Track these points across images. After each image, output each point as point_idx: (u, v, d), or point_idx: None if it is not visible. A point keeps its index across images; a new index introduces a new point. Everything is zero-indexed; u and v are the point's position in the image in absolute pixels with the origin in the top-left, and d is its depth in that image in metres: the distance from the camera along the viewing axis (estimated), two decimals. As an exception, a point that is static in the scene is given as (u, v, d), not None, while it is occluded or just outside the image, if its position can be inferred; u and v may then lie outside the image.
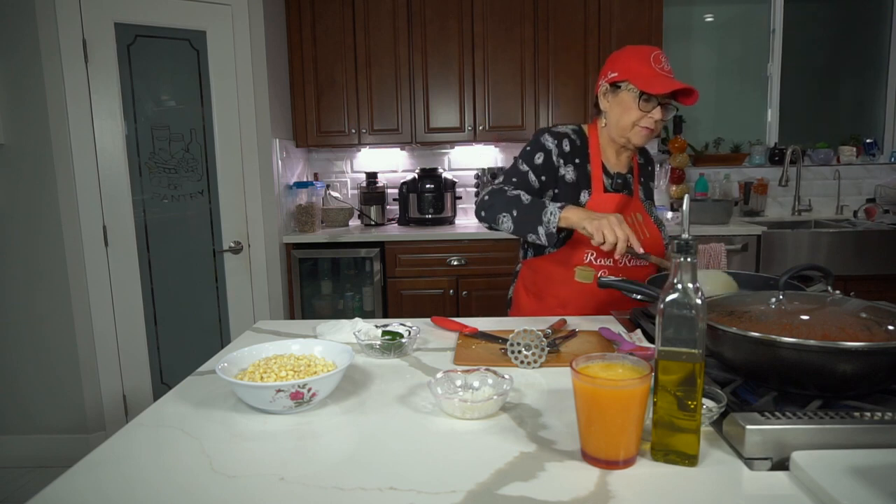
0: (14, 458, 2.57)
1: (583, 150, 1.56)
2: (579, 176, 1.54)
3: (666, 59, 1.46)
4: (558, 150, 1.53)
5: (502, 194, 1.46)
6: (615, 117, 1.50)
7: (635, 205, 1.59)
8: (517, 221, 1.42)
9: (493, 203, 1.46)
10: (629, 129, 1.48)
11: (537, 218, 1.38)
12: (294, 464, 0.77)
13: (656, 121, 1.45)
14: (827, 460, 0.67)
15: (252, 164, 2.86)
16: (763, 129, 3.69)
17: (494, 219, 1.46)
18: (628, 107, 1.46)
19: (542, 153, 1.53)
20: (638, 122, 1.46)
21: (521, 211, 1.41)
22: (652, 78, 1.41)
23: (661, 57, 1.45)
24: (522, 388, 1.00)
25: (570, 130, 1.57)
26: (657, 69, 1.43)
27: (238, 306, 2.90)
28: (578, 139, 1.57)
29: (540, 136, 1.56)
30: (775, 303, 0.99)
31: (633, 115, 1.45)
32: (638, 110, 1.44)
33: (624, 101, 1.47)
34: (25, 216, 2.45)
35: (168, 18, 2.59)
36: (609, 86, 1.50)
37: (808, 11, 3.61)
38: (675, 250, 0.73)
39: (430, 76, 3.25)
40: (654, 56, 1.44)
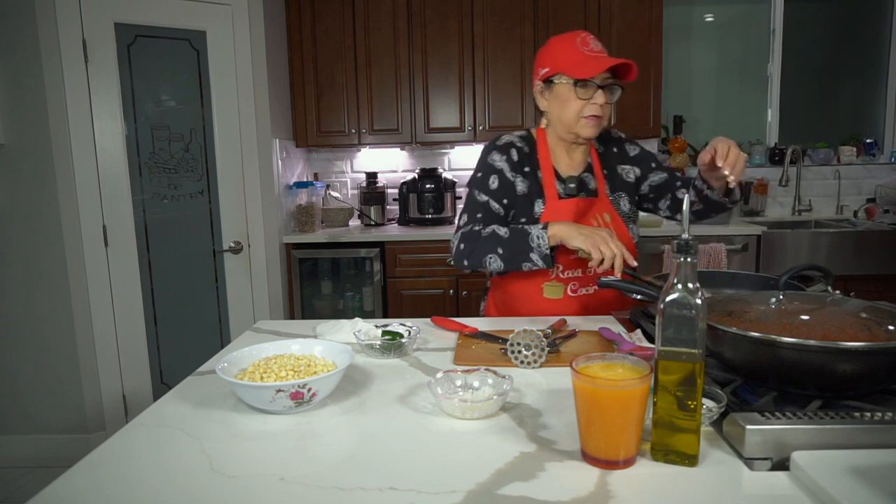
0: (14, 458, 2.57)
1: (531, 157, 1.49)
2: (531, 185, 1.47)
3: (594, 40, 1.39)
4: (509, 164, 1.47)
5: (478, 237, 1.40)
6: (557, 113, 1.44)
7: (600, 205, 1.48)
8: (506, 258, 1.35)
9: (472, 249, 1.40)
10: (575, 122, 1.40)
11: (526, 246, 1.33)
12: (294, 464, 0.76)
13: (601, 106, 1.37)
14: (827, 460, 0.67)
15: (252, 164, 2.86)
16: (763, 129, 3.69)
17: (480, 263, 1.40)
18: (567, 99, 1.39)
19: (494, 176, 1.46)
20: (581, 113, 1.38)
21: (505, 246, 1.35)
22: (582, 62, 1.35)
23: (588, 39, 1.38)
24: (522, 388, 1.00)
25: (516, 138, 1.51)
26: (586, 52, 1.36)
27: (238, 306, 2.90)
28: (526, 145, 1.50)
29: (487, 156, 1.48)
30: (775, 303, 0.99)
31: (575, 107, 1.38)
32: (577, 100, 1.37)
33: (561, 95, 1.40)
34: (25, 216, 2.45)
35: (168, 18, 2.60)
36: (543, 83, 1.45)
37: (808, 11, 3.62)
38: (676, 250, 0.73)
39: (430, 76, 3.25)
40: (581, 39, 1.37)
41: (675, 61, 3.64)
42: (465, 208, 1.48)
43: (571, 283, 1.46)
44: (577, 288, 1.47)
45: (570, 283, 1.46)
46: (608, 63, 1.33)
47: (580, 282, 1.47)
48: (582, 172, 1.51)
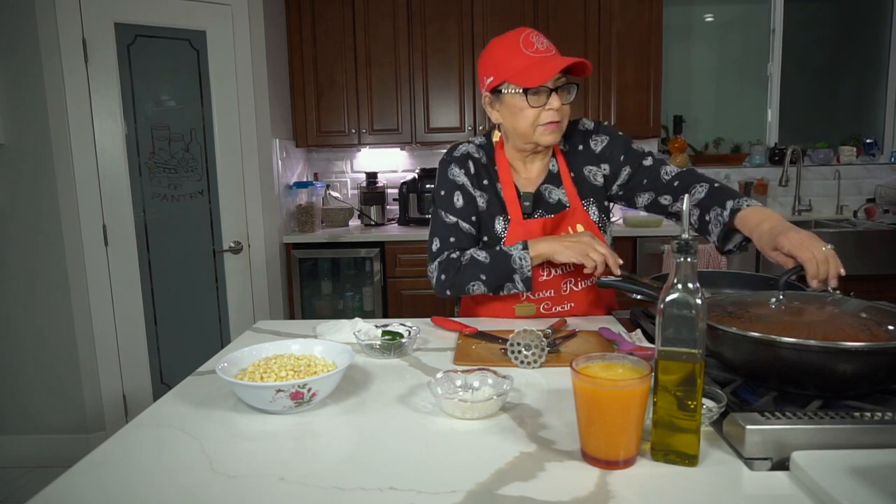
0: (14, 458, 2.57)
1: (489, 168, 1.39)
2: (489, 200, 1.38)
3: (539, 37, 1.25)
4: (468, 176, 1.38)
5: (458, 265, 1.34)
6: (510, 125, 1.31)
7: (571, 217, 1.38)
8: (489, 283, 1.31)
9: (453, 279, 1.34)
10: (531, 132, 1.29)
11: (508, 269, 1.29)
12: (294, 464, 0.77)
13: (557, 110, 1.26)
14: (827, 460, 0.67)
15: (252, 164, 2.86)
16: (763, 129, 3.69)
17: (463, 290, 1.35)
18: (519, 108, 1.27)
19: (458, 192, 1.37)
20: (538, 122, 1.27)
21: (488, 272, 1.30)
22: (529, 68, 1.22)
23: (531, 37, 1.24)
24: (522, 388, 1.00)
25: (473, 147, 1.40)
26: (531, 54, 1.23)
27: (238, 306, 2.90)
28: (484, 154, 1.40)
29: (446, 170, 1.39)
30: (775, 303, 0.99)
31: (529, 116, 1.26)
32: (531, 108, 1.25)
33: (512, 105, 1.28)
34: (25, 216, 2.45)
35: (168, 18, 2.59)
36: (490, 94, 1.32)
37: (808, 11, 3.62)
38: (676, 250, 0.73)
39: (430, 76, 3.25)
40: (524, 39, 1.24)
41: (675, 61, 3.64)
42: (435, 232, 1.39)
43: (544, 302, 1.42)
44: (551, 306, 1.42)
45: (542, 303, 1.42)
46: (557, 66, 1.21)
47: (553, 301, 1.42)
48: (541, 185, 1.40)
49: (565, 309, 1.44)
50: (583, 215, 1.38)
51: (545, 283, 1.40)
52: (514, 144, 1.37)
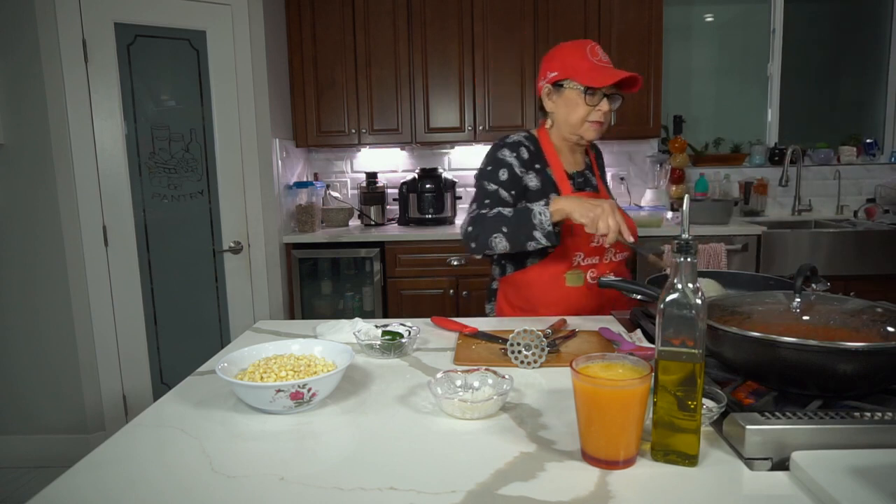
0: (14, 458, 2.57)
1: (539, 155, 1.54)
2: (543, 181, 1.51)
3: (602, 51, 1.46)
4: (518, 160, 1.50)
5: (483, 219, 1.41)
6: (563, 116, 1.49)
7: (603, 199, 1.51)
8: (510, 236, 1.37)
9: (478, 232, 1.41)
10: (580, 125, 1.47)
11: (529, 224, 1.34)
12: (294, 464, 0.77)
13: (604, 113, 1.45)
14: (827, 460, 0.67)
15: (252, 164, 2.86)
16: (763, 129, 3.69)
17: (487, 244, 1.40)
18: (575, 104, 1.45)
19: (504, 169, 1.49)
20: (587, 118, 1.46)
21: (510, 224, 1.36)
22: (593, 71, 1.41)
23: (597, 49, 1.45)
24: (522, 388, 1.00)
25: (522, 138, 1.54)
26: (595, 62, 1.42)
27: (238, 306, 2.90)
28: (532, 145, 1.54)
29: (496, 151, 1.52)
30: (776, 303, 0.99)
31: (581, 112, 1.45)
32: (585, 105, 1.44)
33: (569, 99, 1.46)
34: (25, 216, 2.45)
35: (168, 18, 2.59)
36: (551, 86, 1.49)
37: (808, 11, 3.61)
38: (675, 250, 0.73)
39: (430, 76, 3.25)
40: (591, 49, 1.43)
41: (675, 61, 3.64)
42: (475, 198, 1.51)
43: (590, 270, 1.52)
44: (596, 274, 1.52)
45: (588, 271, 1.52)
46: (618, 76, 1.40)
47: (598, 269, 1.52)
48: (584, 170, 1.61)
49: None
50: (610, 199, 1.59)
51: (596, 250, 1.51)
52: (561, 134, 1.54)
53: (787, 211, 3.58)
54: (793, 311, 0.97)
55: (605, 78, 1.40)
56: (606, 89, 1.43)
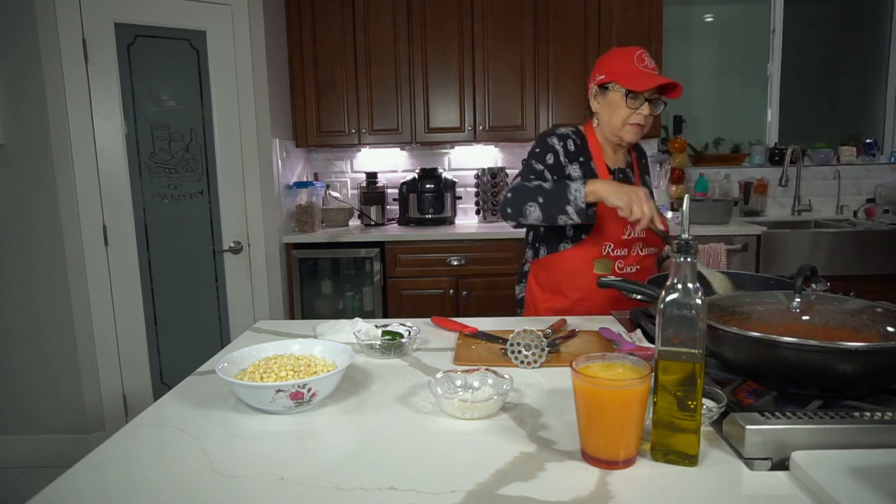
0: (14, 458, 2.57)
1: (584, 149, 1.62)
2: (585, 172, 1.59)
3: (649, 58, 1.52)
4: (564, 150, 1.58)
5: (523, 188, 1.49)
6: (606, 117, 1.56)
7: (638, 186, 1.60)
8: (544, 207, 1.44)
9: (516, 198, 1.49)
10: (620, 127, 1.53)
11: (563, 198, 1.41)
12: (294, 464, 0.77)
13: (645, 116, 1.51)
14: (827, 460, 0.67)
15: (252, 164, 2.86)
16: (763, 129, 3.69)
17: (521, 211, 1.47)
18: (617, 106, 1.52)
19: (551, 153, 1.58)
20: (627, 120, 1.52)
21: (545, 196, 1.44)
22: (636, 76, 1.47)
23: (644, 56, 1.50)
24: (522, 388, 1.00)
25: (570, 131, 1.62)
26: (640, 67, 1.48)
27: (238, 306, 2.90)
28: (578, 139, 1.62)
29: (546, 137, 1.60)
30: (776, 303, 0.99)
31: (623, 114, 1.51)
32: (626, 108, 1.50)
33: (612, 101, 1.53)
34: (25, 216, 2.45)
35: (168, 18, 2.59)
36: (598, 88, 1.57)
37: (808, 11, 3.61)
38: (675, 250, 0.73)
39: (430, 76, 3.25)
40: (638, 56, 1.50)
41: (674, 61, 3.64)
42: (519, 173, 1.59)
43: (618, 260, 1.57)
44: (623, 266, 1.58)
45: (616, 261, 1.57)
46: (658, 81, 1.46)
47: (625, 261, 1.58)
48: (625, 168, 1.67)
49: (631, 272, 1.58)
50: None
51: (626, 242, 1.57)
52: (603, 133, 1.61)
53: (787, 211, 3.58)
54: (793, 311, 0.97)
55: (647, 82, 1.46)
56: (648, 94, 1.49)
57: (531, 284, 1.69)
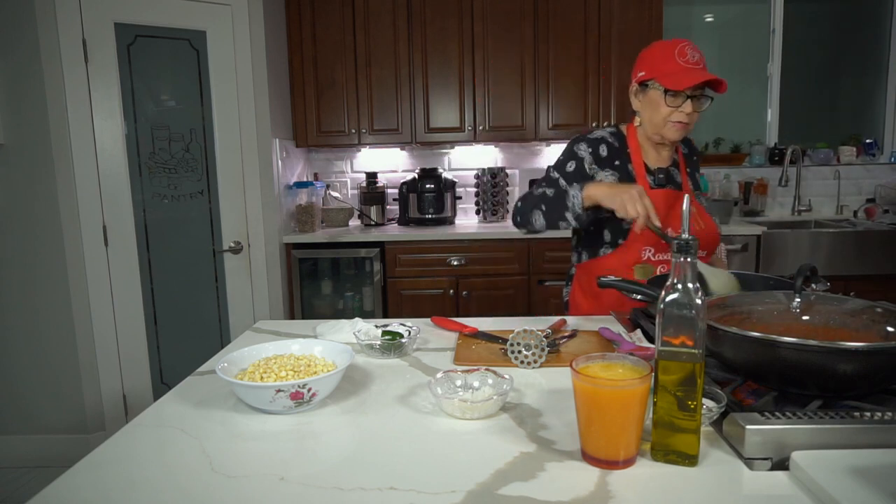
0: (14, 458, 2.57)
1: (622, 151, 1.57)
2: (621, 177, 1.55)
3: (693, 50, 1.44)
4: (593, 157, 1.55)
5: (530, 197, 1.52)
6: (647, 115, 1.52)
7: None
8: (547, 214, 1.46)
9: (524, 208, 1.52)
10: (662, 125, 1.48)
11: (562, 204, 1.42)
12: (294, 464, 0.77)
13: (688, 114, 1.45)
14: (827, 460, 0.67)
15: (252, 164, 2.86)
16: (763, 129, 3.69)
17: (527, 220, 1.51)
18: (657, 104, 1.47)
19: (573, 162, 1.55)
20: (669, 118, 1.46)
21: (547, 203, 1.46)
22: (675, 74, 1.41)
23: (686, 49, 1.43)
24: (522, 388, 1.00)
25: (606, 134, 1.59)
26: (682, 63, 1.42)
27: (238, 306, 2.90)
28: (616, 140, 1.58)
29: (574, 144, 1.58)
30: (776, 303, 0.99)
31: (663, 112, 1.46)
32: (666, 106, 1.45)
33: (652, 99, 1.48)
34: (25, 216, 2.45)
35: (168, 18, 2.59)
36: (638, 85, 1.53)
37: (808, 11, 3.61)
38: (675, 250, 0.73)
39: (430, 76, 3.25)
40: (680, 49, 1.43)
41: (675, 61, 3.63)
42: (538, 182, 1.60)
43: (661, 265, 1.53)
44: (666, 271, 1.53)
45: (659, 266, 1.53)
46: (699, 79, 1.39)
47: (668, 265, 1.53)
48: (669, 166, 1.60)
49: None
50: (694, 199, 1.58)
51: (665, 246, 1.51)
52: (645, 132, 1.56)
53: (787, 211, 3.58)
54: (793, 311, 0.97)
55: (685, 81, 1.40)
56: (691, 91, 1.42)
57: (575, 288, 1.68)
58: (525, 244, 3.04)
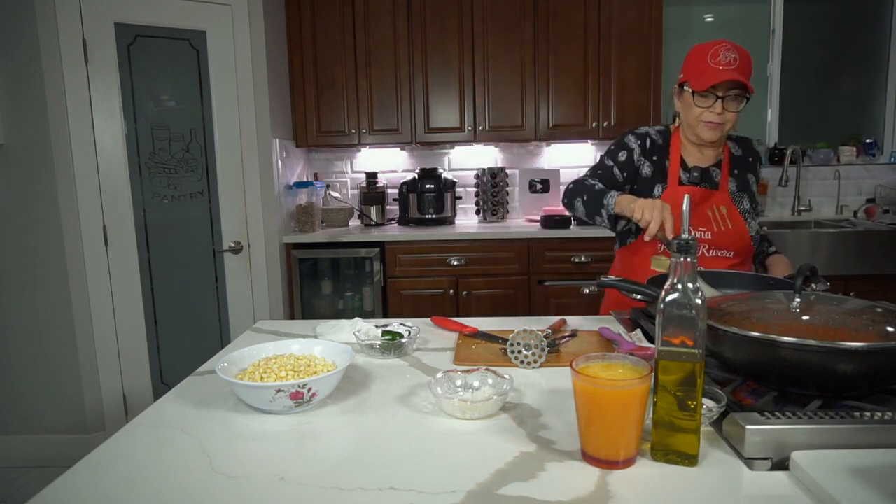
0: (14, 458, 2.57)
1: (663, 148, 1.63)
2: (655, 171, 1.61)
3: (729, 51, 1.44)
4: (641, 149, 1.62)
5: (581, 183, 1.59)
6: (683, 116, 1.57)
7: (719, 198, 1.58)
8: (586, 205, 1.54)
9: (573, 190, 1.60)
10: (695, 125, 1.52)
11: (600, 202, 1.49)
12: (294, 464, 0.77)
13: (718, 114, 1.47)
14: (827, 460, 0.67)
15: (252, 164, 2.86)
16: (763, 129, 3.69)
17: (572, 203, 1.58)
18: (689, 105, 1.52)
19: (625, 152, 1.62)
20: (700, 118, 1.50)
21: (589, 196, 1.53)
22: (701, 74, 1.45)
23: (720, 50, 1.44)
24: (522, 388, 1.00)
25: (653, 131, 1.65)
26: (711, 64, 1.44)
27: (238, 306, 2.90)
28: (661, 137, 1.64)
29: (624, 136, 1.66)
30: (776, 303, 0.99)
31: (695, 112, 1.50)
32: (696, 107, 1.49)
33: (686, 101, 1.53)
34: (25, 216, 2.45)
35: (168, 18, 2.59)
36: (678, 87, 1.58)
37: (808, 11, 3.61)
38: (675, 250, 0.73)
39: (430, 76, 3.25)
40: (714, 51, 1.45)
41: (675, 61, 3.63)
42: (592, 167, 1.66)
43: None
44: None
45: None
46: (719, 79, 1.41)
47: None
48: (711, 166, 1.62)
49: None
50: (727, 199, 1.59)
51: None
52: (683, 131, 1.62)
53: (787, 211, 3.58)
54: (793, 311, 0.97)
55: (709, 80, 1.42)
56: (723, 91, 1.45)
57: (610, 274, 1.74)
58: (525, 244, 3.04)
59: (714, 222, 1.55)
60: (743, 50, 1.45)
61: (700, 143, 1.57)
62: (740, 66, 1.44)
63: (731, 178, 1.62)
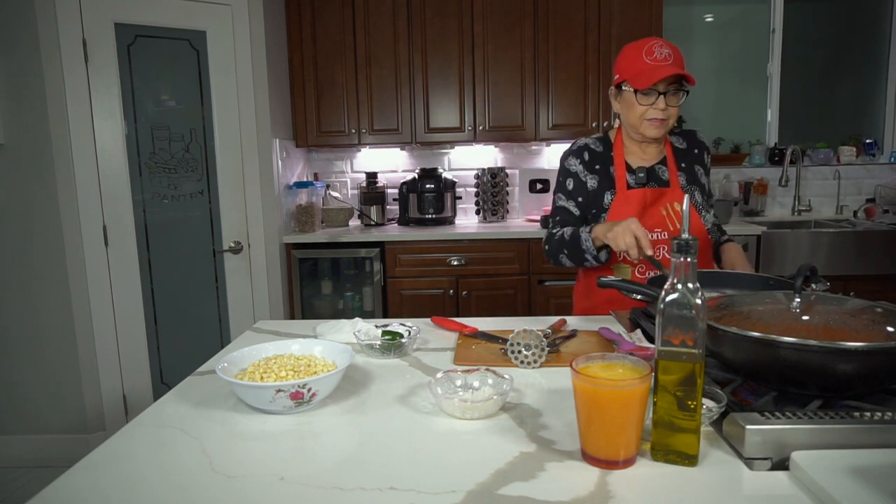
0: (14, 458, 2.57)
1: (605, 155, 1.61)
2: (601, 180, 1.59)
3: (662, 47, 1.45)
4: (582, 165, 1.61)
5: (552, 239, 1.59)
6: (624, 116, 1.56)
7: (672, 195, 1.57)
8: (571, 258, 1.54)
9: (551, 250, 1.59)
10: (639, 124, 1.51)
11: (580, 249, 1.49)
12: (294, 464, 0.77)
13: (662, 110, 1.47)
14: (827, 460, 0.67)
15: (252, 164, 2.86)
16: (763, 128, 3.69)
17: (558, 260, 1.58)
18: (631, 104, 1.50)
19: (570, 178, 1.61)
20: (644, 116, 1.49)
21: (568, 248, 1.53)
22: (641, 72, 1.45)
23: (654, 47, 1.45)
24: (522, 388, 1.00)
25: (590, 140, 1.63)
26: (648, 61, 1.44)
27: (238, 306, 2.90)
28: (600, 145, 1.62)
29: (564, 161, 1.64)
30: (776, 303, 0.99)
31: (638, 111, 1.49)
32: (639, 105, 1.48)
33: (627, 100, 1.51)
34: (25, 216, 2.45)
35: (168, 18, 2.59)
36: (615, 88, 1.57)
37: (808, 11, 3.62)
38: (675, 250, 0.73)
39: (430, 76, 3.25)
40: (648, 48, 1.46)
41: (675, 61, 3.64)
42: (551, 213, 1.67)
43: (638, 266, 1.57)
44: (644, 270, 1.57)
45: (636, 266, 1.57)
46: (662, 74, 1.41)
47: (647, 265, 1.57)
48: (655, 164, 1.61)
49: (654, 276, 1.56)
50: (680, 194, 1.58)
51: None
52: (626, 132, 1.60)
53: (787, 211, 3.58)
54: (793, 311, 0.97)
55: (651, 77, 1.42)
56: (663, 87, 1.45)
57: (577, 286, 1.74)
58: (525, 244, 3.04)
59: (669, 221, 1.55)
60: (673, 45, 1.47)
61: (643, 140, 1.56)
62: (676, 60, 1.45)
63: (679, 172, 1.62)
